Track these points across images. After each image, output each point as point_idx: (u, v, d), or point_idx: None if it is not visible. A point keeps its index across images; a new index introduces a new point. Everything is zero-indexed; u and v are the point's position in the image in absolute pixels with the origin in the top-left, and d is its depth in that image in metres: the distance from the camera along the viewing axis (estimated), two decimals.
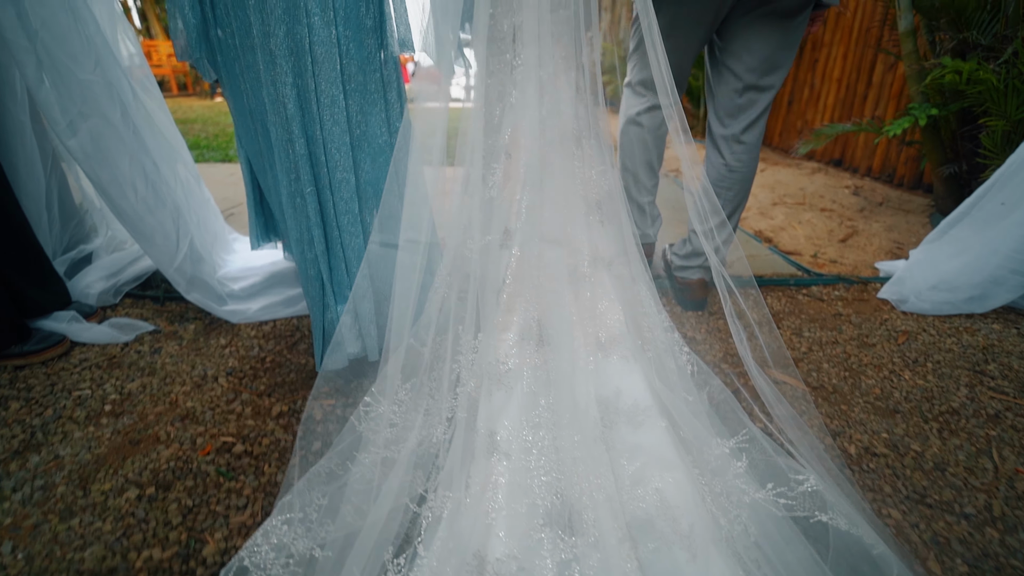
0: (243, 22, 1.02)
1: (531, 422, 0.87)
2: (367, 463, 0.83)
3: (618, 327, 1.02)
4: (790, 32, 1.20)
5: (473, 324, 0.93)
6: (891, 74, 2.86)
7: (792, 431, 0.88)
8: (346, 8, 1.05)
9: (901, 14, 2.07)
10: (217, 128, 4.68)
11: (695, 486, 0.81)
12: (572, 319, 0.98)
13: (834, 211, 2.57)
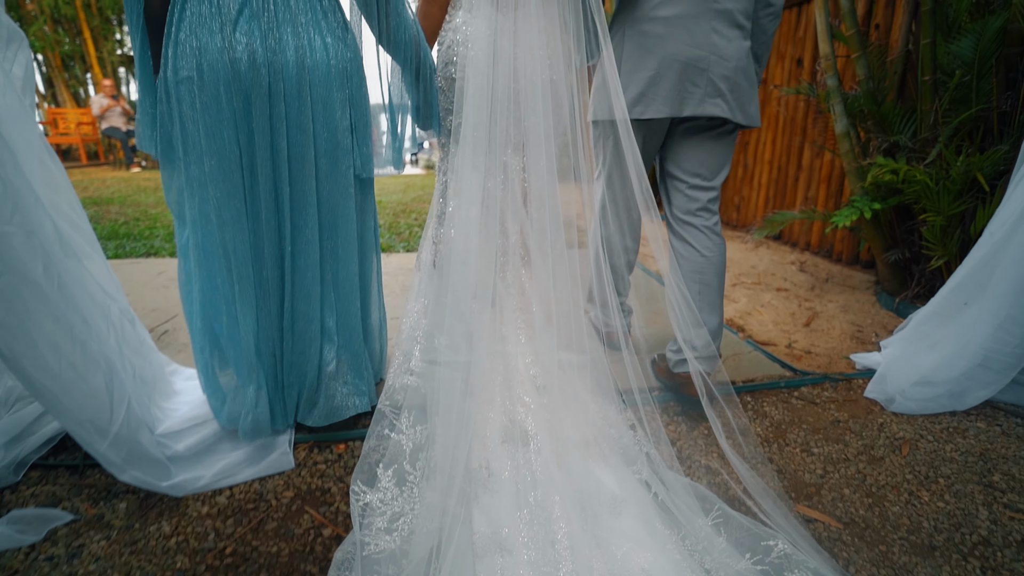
0: (215, 131, 1.06)
1: (524, 519, 0.95)
2: None
3: (591, 425, 1.16)
4: (722, 143, 1.40)
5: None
6: (819, 160, 3.12)
7: (764, 501, 1.05)
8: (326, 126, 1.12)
9: (837, 118, 2.25)
10: (138, 210, 4.27)
11: (682, 565, 0.91)
12: (548, 420, 1.12)
13: (789, 291, 2.68)
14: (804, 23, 3.19)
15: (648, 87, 1.29)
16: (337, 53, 1.11)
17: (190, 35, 1.03)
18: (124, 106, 8.05)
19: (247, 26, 1.04)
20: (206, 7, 1.04)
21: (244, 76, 1.04)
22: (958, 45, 1.97)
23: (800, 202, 3.30)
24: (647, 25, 1.28)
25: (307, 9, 1.10)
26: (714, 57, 1.26)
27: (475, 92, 1.11)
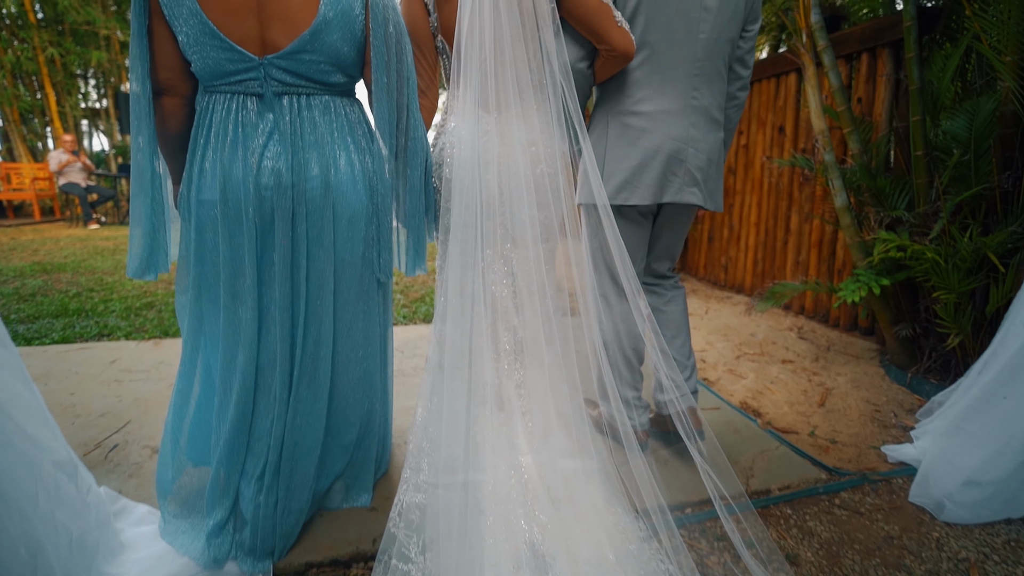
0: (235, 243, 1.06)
1: None
2: None
3: (610, 541, 1.10)
4: (686, 225, 1.56)
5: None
6: (808, 224, 3.12)
7: None
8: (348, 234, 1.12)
9: (836, 193, 2.23)
10: (92, 278, 3.95)
11: None
12: (566, 539, 1.08)
13: (794, 362, 2.59)
14: (784, 93, 3.27)
15: (632, 176, 1.35)
16: (363, 166, 1.11)
17: (216, 159, 1.03)
18: (84, 161, 7.73)
19: (274, 150, 1.03)
20: (232, 132, 1.03)
21: (268, 199, 1.04)
22: (951, 124, 1.98)
23: (791, 266, 3.27)
24: (630, 118, 1.35)
25: (334, 128, 1.10)
26: (691, 149, 1.35)
27: (462, 190, 1.14)
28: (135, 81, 1.04)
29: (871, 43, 2.55)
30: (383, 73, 1.08)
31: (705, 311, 3.40)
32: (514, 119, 1.18)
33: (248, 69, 1.02)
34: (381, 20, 1.06)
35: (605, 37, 1.24)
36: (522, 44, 1.13)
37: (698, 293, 3.95)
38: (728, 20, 1.31)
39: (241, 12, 1.00)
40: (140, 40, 1.01)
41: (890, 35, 2.46)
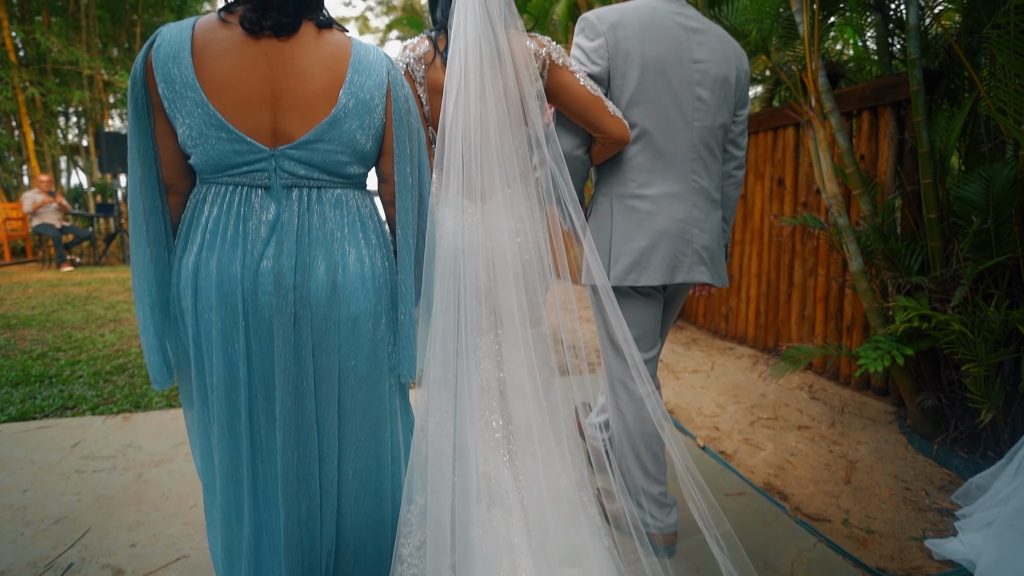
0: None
1: None
2: None
3: None
4: (682, 303, 1.61)
5: None
6: (812, 279, 3.05)
7: None
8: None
9: (851, 257, 2.16)
10: (61, 334, 3.70)
11: None
12: None
13: (810, 428, 2.47)
14: (782, 146, 3.26)
15: (641, 257, 1.36)
16: (373, 263, 1.01)
17: (211, 259, 0.92)
18: (60, 202, 7.50)
19: (276, 248, 0.93)
20: (233, 229, 0.93)
21: (266, 304, 0.93)
22: (967, 191, 1.93)
23: (795, 319, 3.19)
24: (635, 201, 1.36)
25: (345, 223, 1.00)
26: (696, 230, 1.38)
27: (443, 278, 1.11)
28: (136, 185, 0.94)
29: (872, 102, 2.55)
30: (406, 163, 1.02)
31: (711, 367, 3.28)
32: (500, 207, 1.15)
33: (257, 160, 0.93)
34: (403, 111, 1.00)
35: (601, 127, 1.27)
36: (508, 132, 1.12)
37: (699, 343, 3.85)
38: (720, 108, 1.38)
39: (254, 102, 0.90)
40: (144, 139, 0.92)
41: (891, 95, 2.45)
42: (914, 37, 2.00)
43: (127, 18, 10.19)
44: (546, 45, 1.22)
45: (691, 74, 1.33)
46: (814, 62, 2.09)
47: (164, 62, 0.88)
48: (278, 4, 0.89)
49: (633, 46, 1.29)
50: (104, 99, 9.50)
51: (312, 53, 0.93)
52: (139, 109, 0.91)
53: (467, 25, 1.09)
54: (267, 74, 0.90)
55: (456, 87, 1.09)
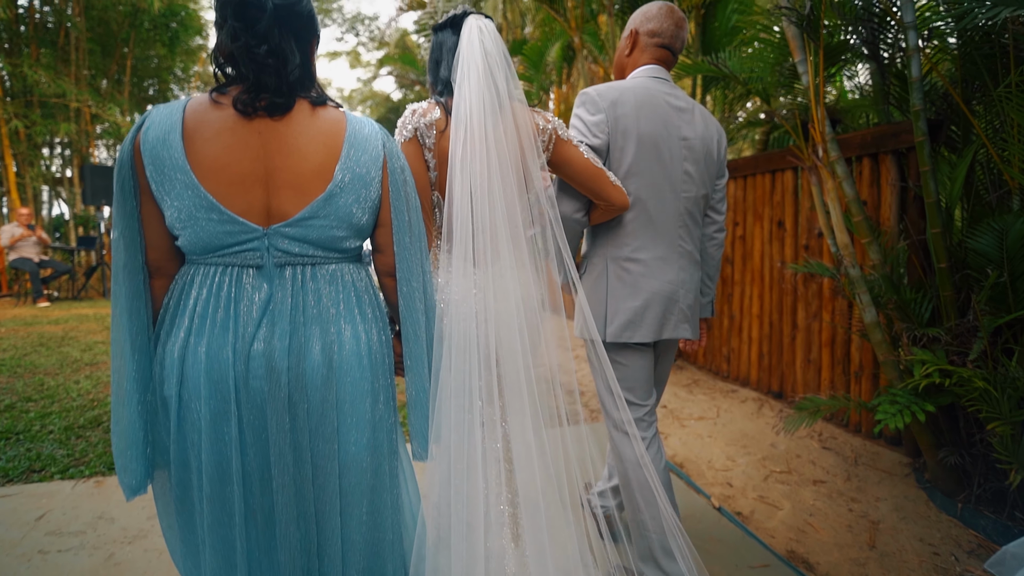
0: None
1: None
2: None
3: None
4: (672, 356, 1.66)
5: None
6: (817, 322, 3.00)
7: None
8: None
9: (864, 308, 2.11)
10: (32, 381, 3.48)
11: None
12: None
13: (826, 482, 2.37)
14: (780, 188, 3.26)
15: (635, 316, 1.44)
16: (370, 338, 0.97)
17: (199, 344, 0.88)
18: (40, 235, 7.30)
19: (268, 330, 0.88)
20: (224, 311, 0.89)
21: (258, 390, 0.88)
22: (979, 242, 1.91)
23: (800, 363, 3.13)
24: (628, 264, 1.46)
25: (341, 299, 0.96)
26: (682, 291, 1.49)
27: (451, 347, 1.10)
28: (120, 270, 0.90)
29: (873, 149, 2.55)
30: (405, 234, 0.99)
31: (716, 413, 3.19)
32: (505, 273, 1.16)
33: (249, 240, 0.89)
34: (400, 183, 0.98)
35: (603, 195, 1.35)
36: (514, 199, 1.15)
37: (701, 385, 3.76)
38: (704, 179, 1.51)
39: (247, 182, 0.88)
40: (131, 221, 0.89)
41: (892, 143, 2.46)
42: (917, 89, 2.00)
43: (118, 50, 10.20)
44: (551, 121, 1.28)
45: (680, 150, 1.46)
46: (820, 111, 2.08)
47: (153, 145, 0.85)
48: (272, 85, 0.87)
49: (630, 123, 1.41)
50: (91, 131, 9.41)
51: (306, 131, 0.91)
52: (125, 192, 0.87)
53: (472, 97, 1.11)
54: (260, 153, 0.88)
55: (462, 156, 1.11)
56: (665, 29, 1.48)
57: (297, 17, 0.89)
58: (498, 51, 1.17)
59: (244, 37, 0.85)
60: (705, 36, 4.04)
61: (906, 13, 1.97)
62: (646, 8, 1.52)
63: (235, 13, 0.85)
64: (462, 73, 1.14)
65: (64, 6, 8.98)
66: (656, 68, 1.50)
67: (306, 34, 0.93)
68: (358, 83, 19.98)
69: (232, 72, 0.89)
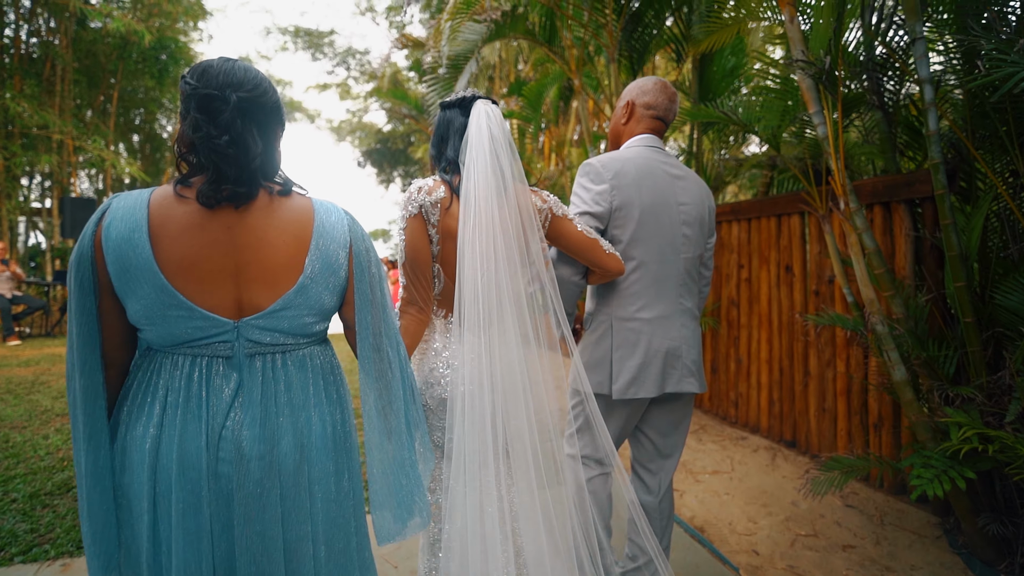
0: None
1: None
2: None
3: None
4: (684, 408, 1.65)
5: None
6: (831, 369, 2.93)
7: None
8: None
9: (894, 366, 2.03)
10: (17, 412, 3.22)
11: None
12: None
13: (856, 547, 2.24)
14: (787, 233, 3.23)
15: (639, 372, 1.50)
16: (335, 421, 0.99)
17: (167, 438, 0.87)
18: (15, 270, 7.00)
19: (238, 419, 0.89)
20: (196, 402, 0.88)
21: (226, 476, 0.88)
22: (1010, 299, 1.85)
23: (815, 412, 3.04)
24: (633, 324, 1.52)
25: (309, 383, 0.97)
26: (685, 346, 1.55)
27: (462, 411, 1.15)
28: (73, 368, 0.87)
29: (885, 198, 2.53)
30: (368, 312, 1.00)
31: (730, 466, 3.06)
32: (509, 340, 1.21)
33: (220, 333, 0.89)
34: (364, 264, 1.00)
35: (598, 264, 1.42)
36: (517, 271, 1.22)
37: (709, 431, 3.64)
38: (699, 241, 1.60)
39: (217, 278, 0.88)
40: (88, 318, 0.86)
41: (905, 193, 2.43)
42: (935, 143, 1.97)
43: (105, 81, 10.10)
44: (548, 200, 1.36)
45: (678, 215, 1.55)
46: (840, 163, 2.04)
47: (117, 243, 0.83)
48: (233, 175, 0.86)
49: (633, 193, 1.49)
50: (74, 161, 9.21)
51: (274, 222, 0.91)
52: (84, 289, 0.85)
53: (479, 182, 1.19)
54: (229, 248, 0.88)
55: (472, 236, 1.18)
56: (660, 103, 1.60)
57: (261, 109, 0.90)
58: (504, 137, 1.25)
59: (206, 128, 0.85)
60: (703, 81, 4.08)
61: (921, 69, 1.95)
62: (642, 82, 1.63)
63: (198, 106, 0.85)
64: (471, 158, 1.22)
65: (51, 38, 8.90)
66: (652, 138, 1.61)
67: (270, 124, 0.93)
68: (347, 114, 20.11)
69: (194, 161, 0.88)
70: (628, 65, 4.04)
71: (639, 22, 3.83)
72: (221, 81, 0.87)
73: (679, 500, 2.66)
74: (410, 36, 7.51)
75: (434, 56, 3.57)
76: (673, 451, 1.65)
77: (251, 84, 0.89)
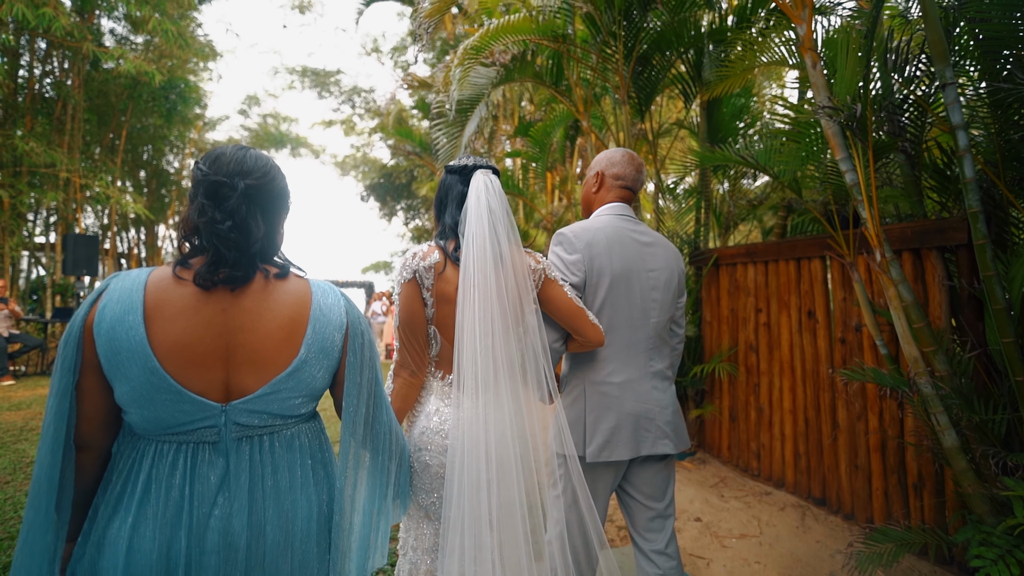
0: None
1: None
2: None
3: None
4: (667, 468, 1.64)
5: None
6: (862, 423, 2.76)
7: None
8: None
9: (944, 431, 1.88)
10: (1, 464, 3.03)
11: None
12: None
13: None
14: (808, 277, 3.11)
15: (612, 436, 1.53)
16: (320, 502, 0.98)
17: (152, 526, 0.84)
18: (13, 308, 6.90)
19: (224, 508, 0.87)
20: (179, 491, 0.86)
21: (211, 567, 0.85)
22: None
23: (846, 468, 2.85)
24: (604, 387, 1.55)
25: (296, 465, 0.96)
26: (657, 408, 1.57)
27: (452, 477, 1.17)
28: (46, 444, 0.84)
29: (914, 244, 2.42)
30: (355, 390, 0.99)
31: (758, 528, 2.85)
32: (504, 396, 1.24)
33: (206, 418, 0.88)
34: (359, 346, 0.99)
35: (582, 332, 1.45)
36: (510, 332, 1.26)
37: (730, 485, 3.43)
38: (670, 304, 1.64)
39: (208, 361, 0.87)
40: (63, 399, 0.84)
41: (937, 240, 2.33)
42: (973, 191, 1.87)
43: (114, 120, 10.25)
44: (541, 262, 1.41)
45: (647, 280, 1.60)
46: (873, 211, 1.93)
47: (110, 325, 0.83)
48: (232, 258, 0.87)
49: (604, 261, 1.55)
50: (79, 198, 9.25)
51: (270, 304, 0.92)
52: (66, 367, 0.83)
53: (477, 253, 1.24)
54: (223, 330, 0.88)
55: (470, 305, 1.22)
56: (628, 174, 1.68)
57: (267, 194, 0.93)
58: (501, 208, 1.30)
59: (211, 212, 0.87)
60: (711, 121, 4.05)
61: (954, 115, 1.87)
62: (611, 154, 1.71)
63: (206, 192, 0.88)
64: (470, 231, 1.26)
65: (64, 78, 9.07)
66: (621, 206, 1.67)
67: (275, 208, 0.96)
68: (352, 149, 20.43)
69: (196, 243, 0.90)
70: (635, 105, 4.02)
71: (647, 64, 3.83)
72: (231, 169, 0.90)
73: (704, 570, 2.46)
74: (416, 76, 7.62)
75: (441, 99, 3.55)
76: (668, 513, 1.65)
77: (259, 172, 0.92)
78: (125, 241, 12.37)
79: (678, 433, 1.63)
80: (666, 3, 3.65)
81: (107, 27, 9.65)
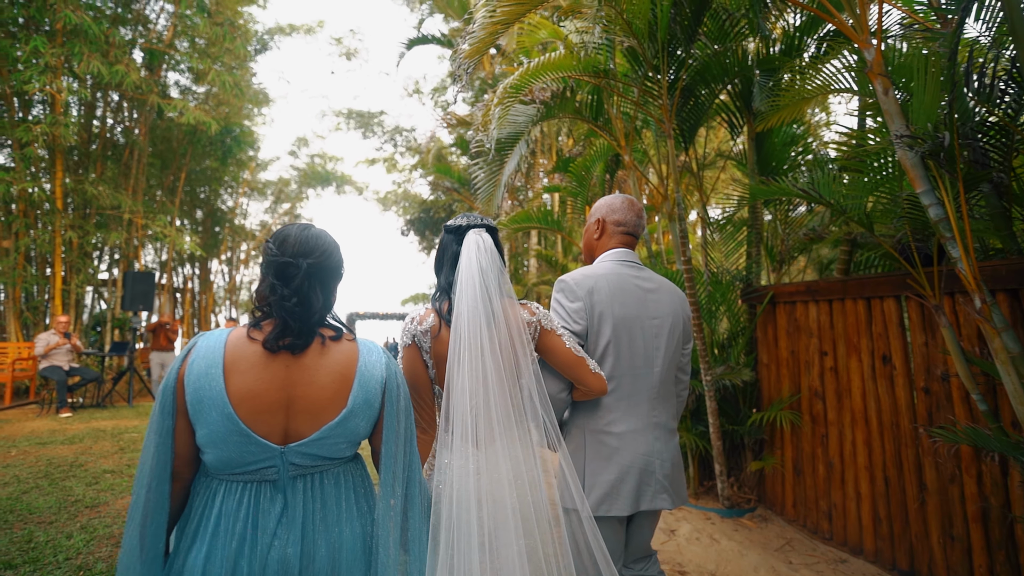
0: None
1: None
2: None
3: None
4: (655, 518, 1.65)
5: None
6: (955, 487, 2.41)
7: None
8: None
9: None
10: (21, 534, 3.06)
11: None
12: None
13: None
14: (880, 319, 2.83)
15: (611, 489, 1.49)
16: (365, 531, 1.10)
17: (221, 555, 0.97)
18: (75, 343, 7.26)
19: (282, 539, 1.01)
20: (243, 524, 1.00)
21: None
22: None
23: (938, 538, 2.49)
24: (604, 437, 1.51)
25: (343, 499, 1.09)
26: (658, 461, 1.54)
27: (449, 528, 1.18)
28: (145, 482, 0.99)
29: (1011, 284, 2.14)
30: (392, 441, 1.10)
31: None
32: (499, 453, 1.26)
33: (268, 458, 1.02)
34: (395, 398, 1.11)
35: (583, 382, 1.45)
36: (504, 386, 1.27)
37: (797, 549, 3.07)
38: (675, 351, 1.60)
39: (272, 409, 1.02)
40: (166, 437, 1.00)
41: None
42: None
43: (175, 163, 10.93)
44: (536, 313, 1.42)
45: (651, 328, 1.57)
46: (968, 250, 1.70)
47: (197, 377, 0.99)
48: (296, 328, 1.04)
49: (606, 308, 1.53)
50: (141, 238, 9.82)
51: (325, 363, 1.07)
52: (165, 413, 0.99)
53: (468, 315, 1.27)
54: (285, 383, 1.03)
55: (460, 365, 1.25)
56: (629, 220, 1.67)
57: (326, 270, 1.10)
58: (492, 266, 1.32)
59: (280, 291, 1.04)
60: (761, 152, 3.86)
61: None
62: (611, 200, 1.71)
63: (276, 272, 1.06)
64: (460, 292, 1.30)
65: (132, 127, 9.79)
66: (624, 252, 1.65)
67: (332, 280, 1.12)
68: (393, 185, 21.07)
69: (266, 311, 1.07)
70: (679, 137, 3.89)
71: (690, 95, 3.71)
72: (296, 250, 1.06)
73: None
74: (455, 115, 7.79)
75: (480, 137, 3.52)
76: (649, 553, 1.65)
77: (319, 251, 1.08)
78: (180, 276, 13.01)
79: (676, 488, 1.60)
80: (709, 34, 3.56)
81: (172, 79, 10.43)
